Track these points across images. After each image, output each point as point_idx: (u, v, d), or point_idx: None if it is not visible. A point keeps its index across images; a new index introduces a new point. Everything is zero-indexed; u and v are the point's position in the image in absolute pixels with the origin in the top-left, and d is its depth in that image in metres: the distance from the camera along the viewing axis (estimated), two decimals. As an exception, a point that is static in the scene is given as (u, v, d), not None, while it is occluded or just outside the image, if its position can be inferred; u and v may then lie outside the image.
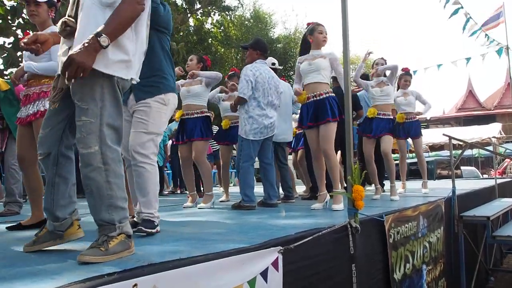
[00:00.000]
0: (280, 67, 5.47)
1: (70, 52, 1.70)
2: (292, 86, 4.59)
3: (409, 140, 5.88)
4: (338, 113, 3.74)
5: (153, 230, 2.44)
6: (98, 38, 1.69)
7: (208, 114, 4.47)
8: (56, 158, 1.94)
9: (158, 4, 2.68)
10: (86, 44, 1.68)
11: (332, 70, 3.98)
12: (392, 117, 4.97)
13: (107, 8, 1.82)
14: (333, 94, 3.83)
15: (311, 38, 3.93)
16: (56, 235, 1.97)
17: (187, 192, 4.77)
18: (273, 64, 5.07)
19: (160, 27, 2.69)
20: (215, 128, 5.63)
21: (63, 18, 1.93)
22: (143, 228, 2.39)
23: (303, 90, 3.96)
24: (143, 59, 2.02)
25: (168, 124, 5.79)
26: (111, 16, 1.77)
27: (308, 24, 4.07)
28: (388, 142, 4.89)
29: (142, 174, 2.51)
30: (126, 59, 1.84)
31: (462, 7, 9.18)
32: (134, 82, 1.96)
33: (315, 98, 3.80)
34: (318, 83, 3.82)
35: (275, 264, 1.92)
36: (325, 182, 3.93)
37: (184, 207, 4.37)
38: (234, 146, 5.32)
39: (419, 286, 3.45)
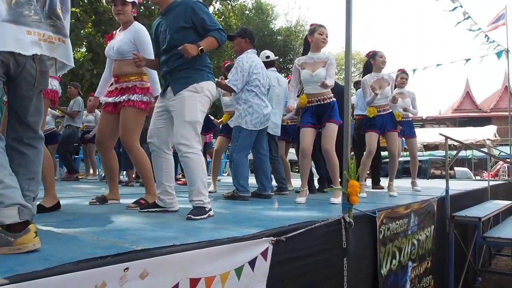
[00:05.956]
0: (277, 57, 5.36)
1: None
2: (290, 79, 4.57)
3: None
4: (338, 117, 3.85)
5: (204, 216, 2.56)
6: None
7: None
8: (5, 151, 1.72)
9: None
10: None
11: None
12: (391, 111, 4.96)
13: None
14: (335, 99, 3.89)
15: (311, 38, 3.96)
16: None
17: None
18: (267, 57, 5.01)
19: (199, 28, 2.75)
20: None
21: None
22: (192, 216, 2.53)
23: (303, 94, 4.03)
24: None
25: None
26: None
27: (312, 25, 4.09)
28: (394, 140, 4.88)
29: (188, 164, 2.62)
30: None
31: (461, 6, 9.20)
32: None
33: (319, 102, 3.88)
34: (321, 92, 3.89)
35: (264, 253, 1.93)
36: (307, 179, 4.00)
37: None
38: None
39: (403, 282, 3.51)
